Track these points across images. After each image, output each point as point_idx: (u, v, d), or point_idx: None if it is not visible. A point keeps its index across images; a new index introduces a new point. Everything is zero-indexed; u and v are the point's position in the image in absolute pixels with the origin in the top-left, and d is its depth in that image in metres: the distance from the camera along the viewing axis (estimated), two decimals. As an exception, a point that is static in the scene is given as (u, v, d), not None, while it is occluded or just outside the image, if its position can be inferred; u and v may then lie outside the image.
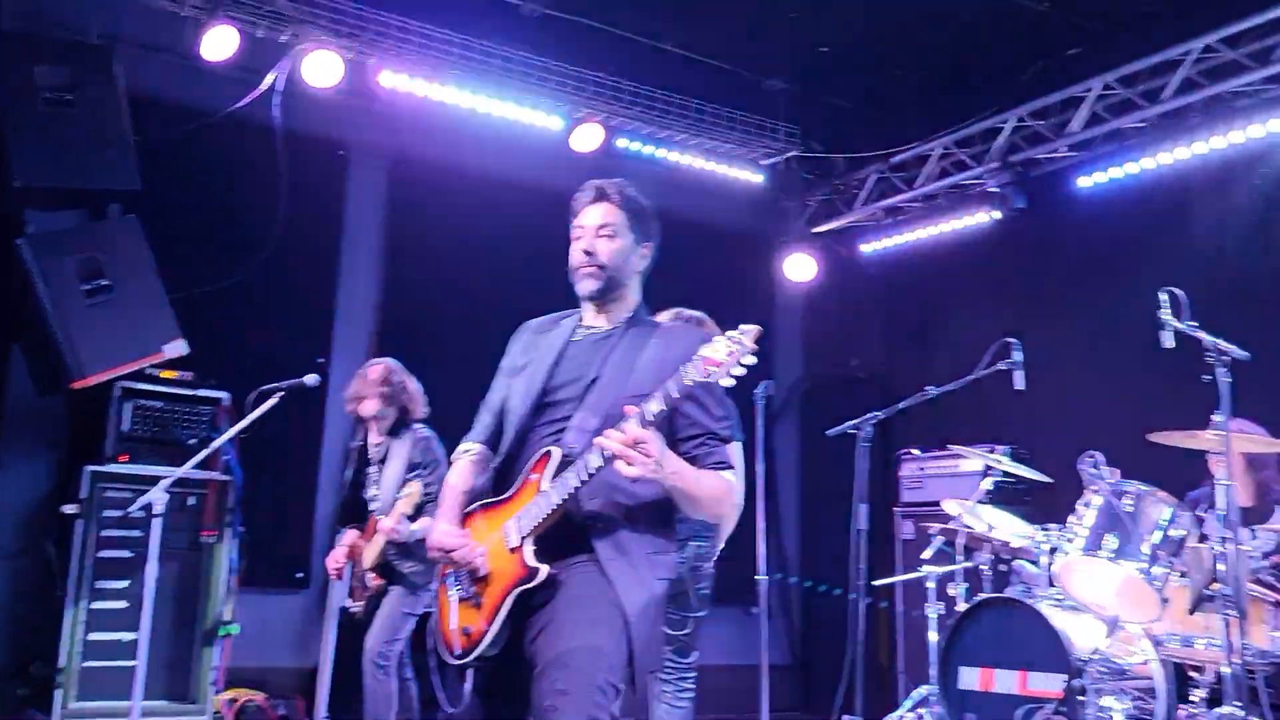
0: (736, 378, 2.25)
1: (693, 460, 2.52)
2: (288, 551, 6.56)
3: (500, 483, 2.62)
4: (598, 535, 2.45)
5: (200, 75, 6.30)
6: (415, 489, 4.60)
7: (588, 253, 2.65)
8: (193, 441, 5.62)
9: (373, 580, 4.73)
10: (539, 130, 7.09)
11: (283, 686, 6.51)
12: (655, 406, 2.31)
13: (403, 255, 7.17)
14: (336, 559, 4.97)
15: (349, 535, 4.99)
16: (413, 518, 4.65)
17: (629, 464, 2.29)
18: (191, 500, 5.68)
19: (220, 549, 5.74)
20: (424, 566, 4.66)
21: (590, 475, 2.37)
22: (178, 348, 5.54)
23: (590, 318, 2.73)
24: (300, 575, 6.59)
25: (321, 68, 6.21)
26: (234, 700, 6.12)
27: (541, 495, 2.44)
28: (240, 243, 6.45)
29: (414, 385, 5.06)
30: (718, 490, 2.53)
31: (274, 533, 6.20)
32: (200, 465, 5.00)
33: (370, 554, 4.75)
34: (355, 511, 5.01)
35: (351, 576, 4.94)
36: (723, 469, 2.55)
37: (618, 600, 2.40)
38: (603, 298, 2.67)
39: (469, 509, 2.64)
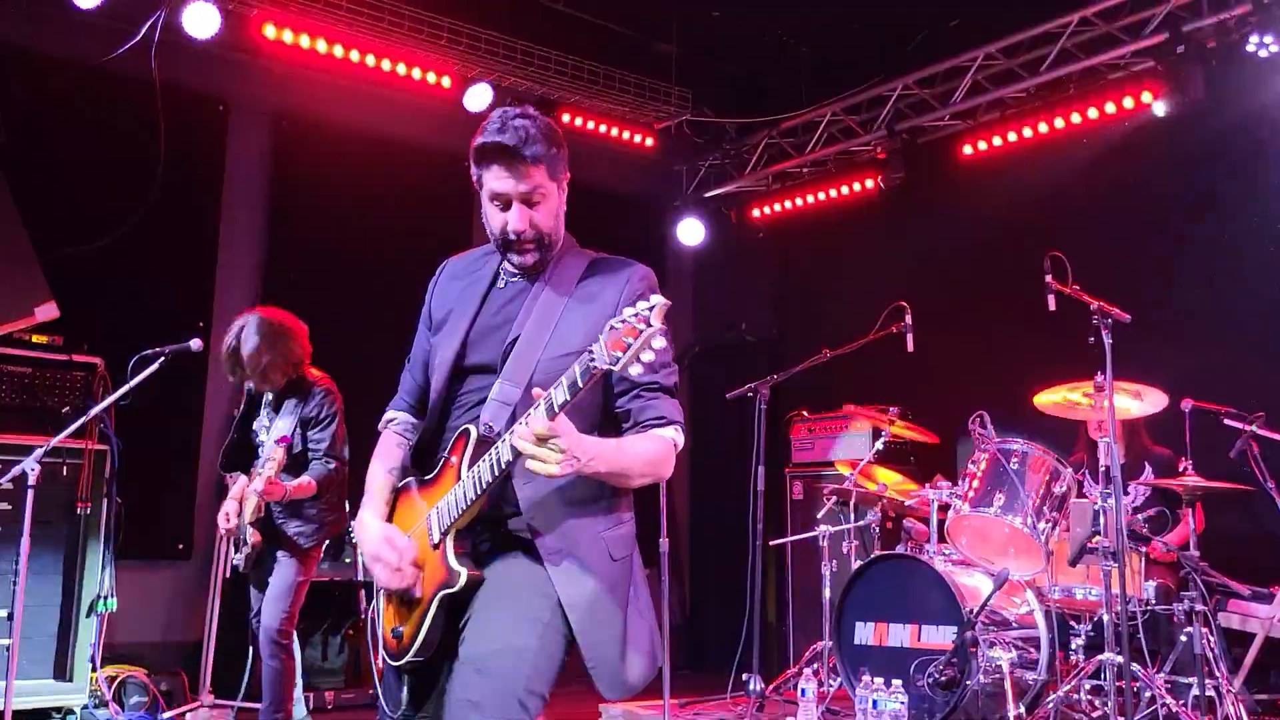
0: (646, 363, 1.98)
1: (626, 415, 2.30)
2: (168, 522, 6.33)
3: (424, 457, 2.40)
4: (537, 525, 2.22)
5: (71, 25, 5.95)
6: (279, 455, 4.32)
7: (521, 229, 2.32)
8: (66, 409, 5.36)
9: (253, 537, 4.43)
10: (429, 89, 6.93)
11: (165, 662, 6.30)
12: (561, 395, 2.03)
13: (288, 215, 6.94)
14: (228, 515, 4.62)
15: (238, 484, 4.69)
16: (297, 473, 4.40)
17: (541, 463, 2.04)
18: (66, 470, 5.43)
19: (96, 520, 5.51)
20: (311, 527, 4.46)
21: (503, 469, 2.14)
22: (49, 310, 5.27)
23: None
24: (181, 546, 6.37)
25: (199, 18, 5.94)
26: (113, 677, 5.90)
27: (459, 485, 2.21)
28: (115, 201, 6.16)
29: (300, 338, 4.81)
30: (654, 454, 2.26)
31: (154, 503, 5.96)
32: (75, 434, 4.77)
33: (250, 507, 4.43)
34: (243, 454, 4.69)
35: (240, 530, 4.64)
36: (661, 425, 2.28)
37: (551, 590, 2.18)
38: (540, 265, 2.39)
39: (401, 484, 2.43)
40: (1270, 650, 4.61)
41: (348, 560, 5.92)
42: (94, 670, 5.53)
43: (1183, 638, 4.31)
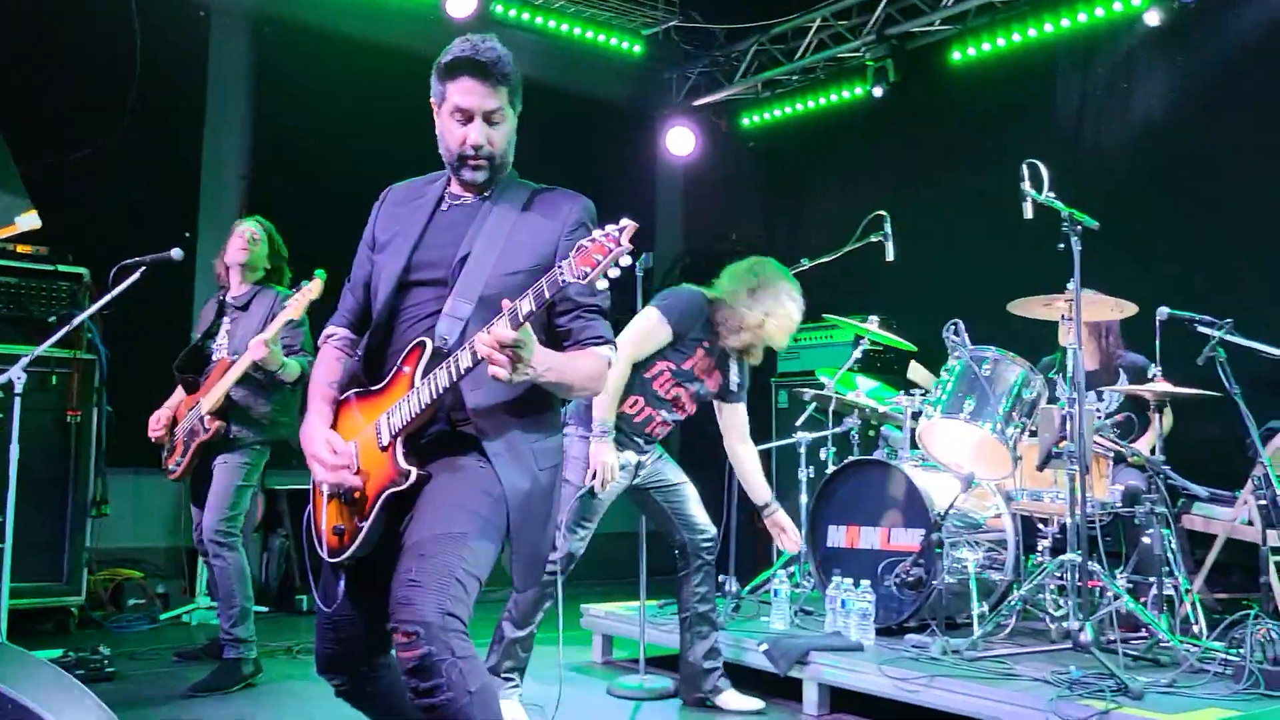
0: (610, 279, 2.11)
1: (567, 334, 2.43)
2: (160, 430, 6.43)
3: (371, 369, 2.47)
4: (484, 431, 2.34)
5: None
6: (316, 286, 4.26)
7: (480, 144, 2.42)
8: (52, 319, 5.42)
9: (210, 423, 4.40)
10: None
11: (160, 567, 6.47)
12: (527, 306, 2.14)
13: (271, 123, 6.92)
14: (159, 420, 4.64)
15: (175, 395, 4.71)
16: (270, 374, 4.40)
17: (502, 369, 2.16)
18: (56, 380, 5.51)
19: (87, 428, 5.61)
20: (262, 426, 4.48)
21: (461, 375, 2.25)
22: (30, 220, 5.27)
23: (460, 186, 2.55)
24: (173, 455, 6.48)
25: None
26: (110, 580, 6.07)
27: (413, 392, 2.30)
28: (96, 109, 6.12)
29: (281, 252, 4.84)
30: (592, 370, 2.42)
31: (144, 411, 6.04)
32: (62, 343, 4.83)
33: (216, 394, 4.41)
34: (196, 361, 4.68)
35: (170, 436, 4.62)
36: (599, 344, 2.43)
37: (494, 488, 2.31)
38: (490, 185, 2.50)
39: (343, 397, 2.50)
40: (1232, 551, 4.71)
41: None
42: (91, 574, 5.69)
43: (1145, 539, 4.41)
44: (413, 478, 2.29)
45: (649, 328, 4.04)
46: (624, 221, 2.10)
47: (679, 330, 4.06)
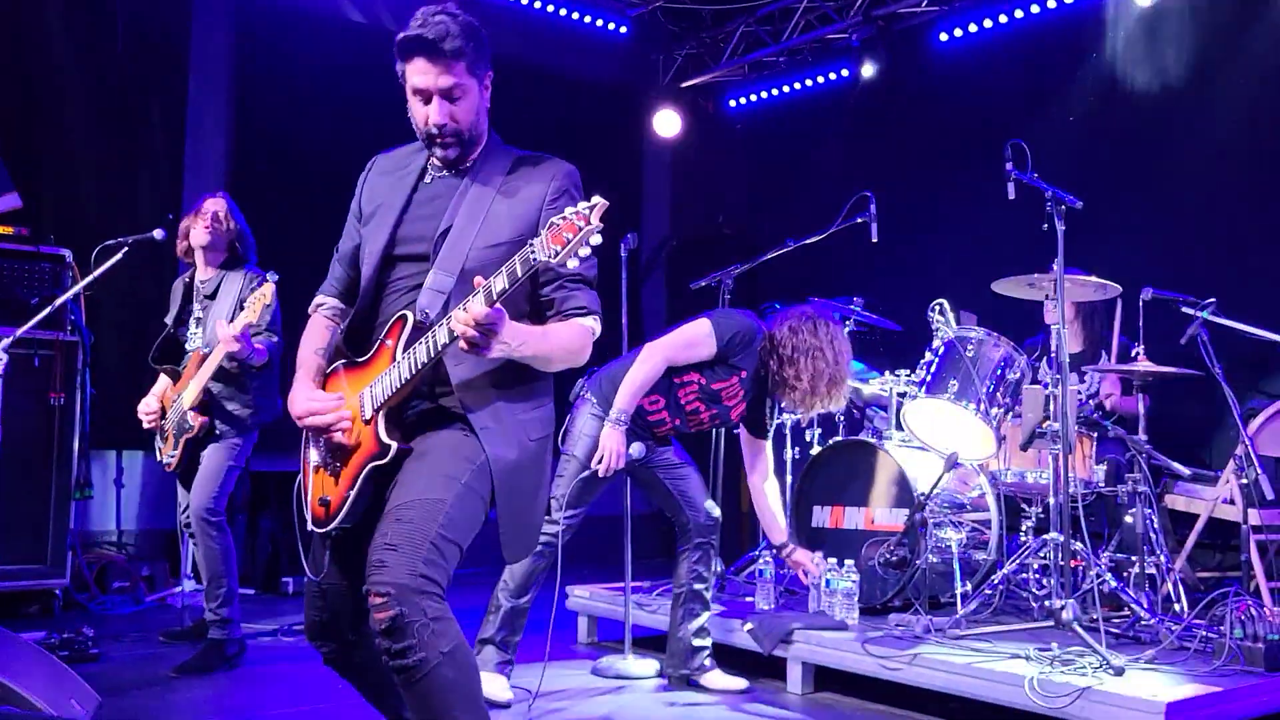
0: (582, 258, 2.12)
1: (550, 304, 2.43)
2: (143, 412, 6.41)
3: (357, 342, 2.48)
4: (468, 404, 2.34)
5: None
6: (267, 291, 4.22)
7: (442, 123, 2.41)
8: (35, 300, 5.38)
9: (195, 419, 4.38)
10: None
11: (146, 548, 6.46)
12: (500, 284, 2.17)
13: (254, 103, 6.87)
14: (149, 407, 4.58)
15: (161, 383, 4.66)
16: (242, 362, 4.35)
17: (476, 346, 2.18)
18: (38, 362, 5.47)
19: (70, 410, 5.58)
20: (248, 410, 4.45)
21: (439, 351, 2.26)
22: (11, 201, 5.25)
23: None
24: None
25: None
26: (94, 561, 6.04)
27: (394, 366, 2.32)
28: (76, 87, 6.06)
29: (246, 228, 4.79)
30: (572, 342, 2.41)
31: (127, 393, 6.02)
32: (44, 325, 4.80)
33: (193, 389, 4.38)
34: (171, 351, 4.63)
35: (163, 424, 4.56)
36: (581, 315, 2.43)
37: (477, 456, 2.31)
38: (463, 160, 2.50)
39: (330, 369, 2.51)
40: (1214, 530, 4.75)
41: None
42: (75, 557, 5.66)
43: (1127, 518, 4.43)
44: (393, 451, 2.30)
45: (696, 338, 4.00)
46: (595, 199, 2.12)
47: (723, 352, 4.01)
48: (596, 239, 2.11)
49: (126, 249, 4.68)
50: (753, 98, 8.43)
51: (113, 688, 3.90)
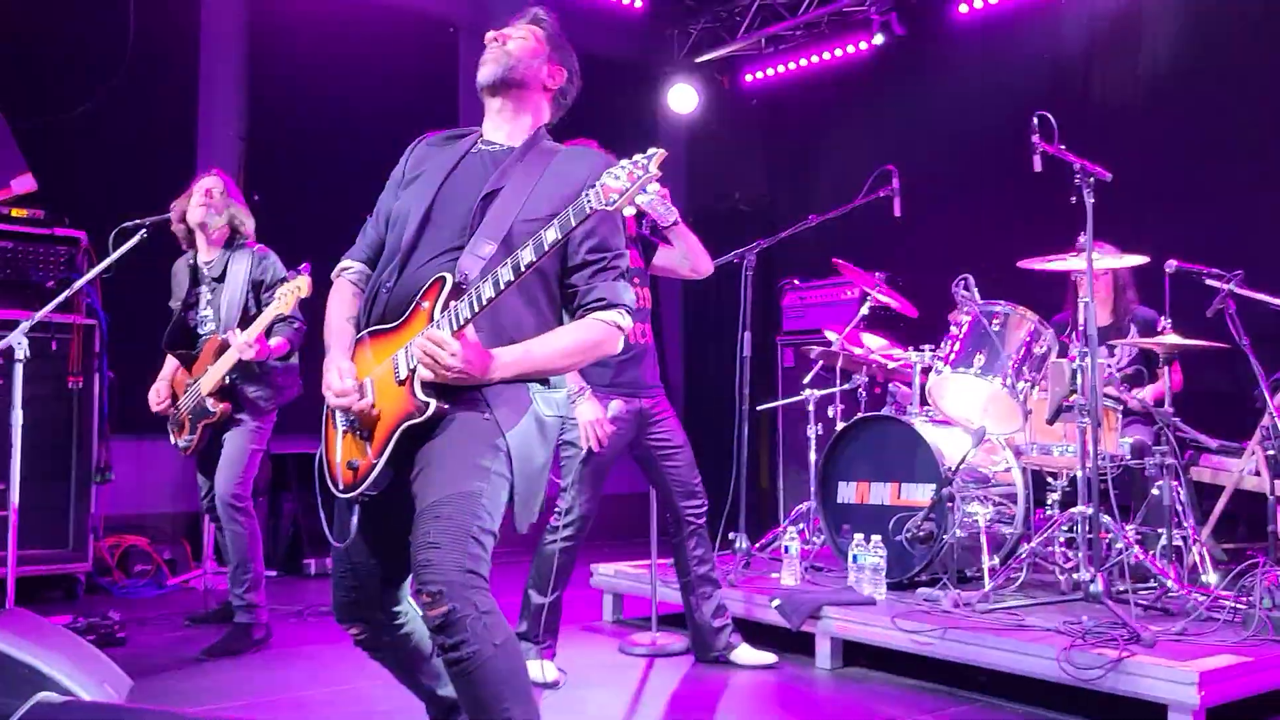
0: (639, 206, 2.14)
1: (573, 294, 2.43)
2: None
3: (377, 306, 2.45)
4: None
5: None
6: (303, 284, 4.22)
7: (497, 39, 2.56)
8: (51, 284, 5.37)
9: (216, 404, 4.37)
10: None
11: (164, 533, 6.46)
12: (552, 235, 2.18)
13: (267, 82, 6.82)
14: (159, 394, 4.59)
15: (169, 366, 4.67)
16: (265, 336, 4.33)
17: (431, 370, 2.23)
18: (56, 345, 5.46)
19: (89, 394, 5.58)
20: (269, 391, 4.44)
21: (481, 307, 2.24)
22: (26, 183, 5.22)
23: (491, 132, 2.58)
24: (176, 419, 6.46)
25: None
26: (116, 546, 6.06)
27: (432, 325, 2.29)
28: (90, 68, 6.03)
29: (244, 206, 4.75)
30: (580, 343, 2.40)
31: (146, 376, 6.02)
32: (61, 308, 4.78)
33: (212, 378, 4.36)
34: (184, 336, 4.61)
35: (175, 410, 4.58)
36: (600, 308, 2.40)
37: (499, 439, 2.31)
38: (503, 87, 2.54)
39: (356, 337, 2.47)
40: (1240, 502, 4.71)
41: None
42: (96, 540, 5.67)
43: (1154, 491, 4.39)
44: (432, 409, 2.28)
45: None
46: (652, 150, 2.12)
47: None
48: (654, 186, 2.12)
49: (144, 231, 4.65)
50: (769, 72, 8.35)
51: (142, 670, 3.90)
